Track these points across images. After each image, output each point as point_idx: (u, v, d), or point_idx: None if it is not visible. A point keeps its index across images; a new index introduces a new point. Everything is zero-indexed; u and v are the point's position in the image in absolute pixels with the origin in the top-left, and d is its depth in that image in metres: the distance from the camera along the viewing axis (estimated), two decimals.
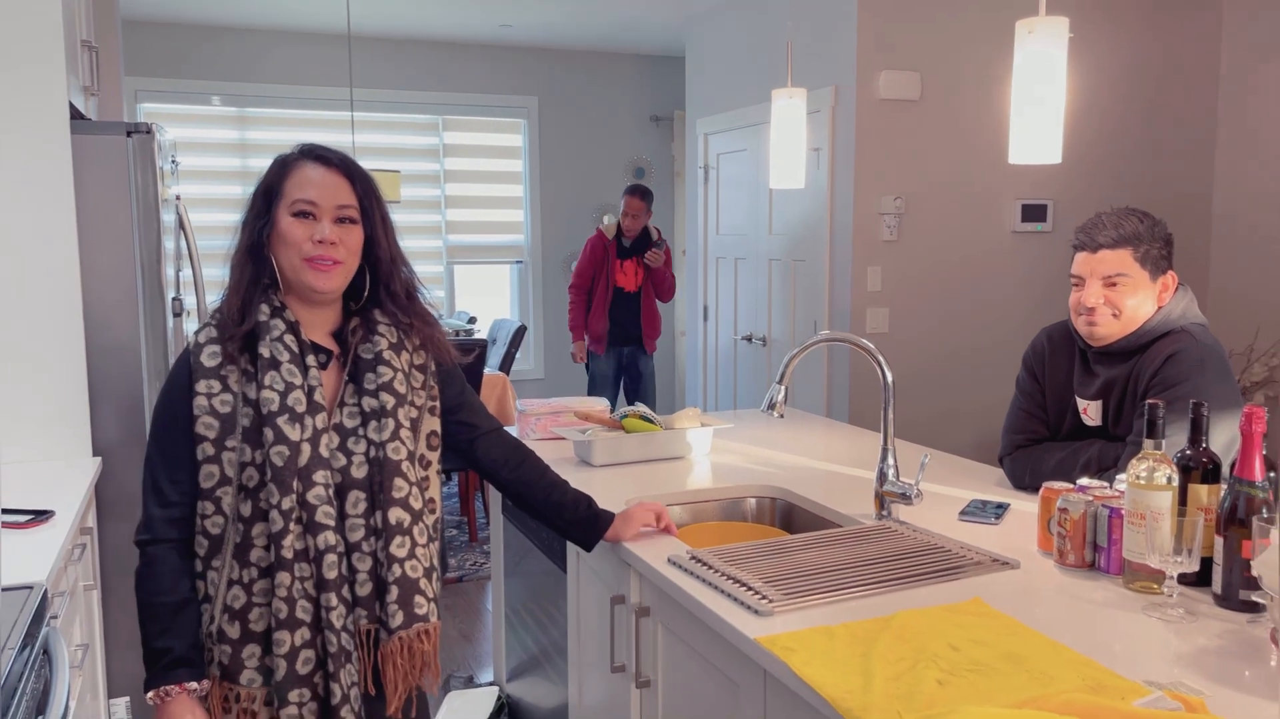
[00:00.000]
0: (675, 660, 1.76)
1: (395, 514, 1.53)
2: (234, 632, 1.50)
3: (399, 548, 1.53)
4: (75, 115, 2.65)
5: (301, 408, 1.49)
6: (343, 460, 1.53)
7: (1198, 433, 1.58)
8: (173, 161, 3.12)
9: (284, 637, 1.48)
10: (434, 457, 1.65)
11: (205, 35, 5.81)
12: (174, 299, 2.84)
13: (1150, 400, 1.59)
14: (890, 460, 2.03)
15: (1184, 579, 1.56)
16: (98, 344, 2.61)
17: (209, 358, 1.51)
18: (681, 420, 2.64)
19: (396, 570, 1.53)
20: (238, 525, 1.49)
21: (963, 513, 2.03)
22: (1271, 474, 1.52)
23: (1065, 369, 2.17)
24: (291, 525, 1.47)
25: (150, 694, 1.47)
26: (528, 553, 2.59)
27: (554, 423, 2.73)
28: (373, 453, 1.54)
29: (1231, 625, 1.46)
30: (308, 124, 6.05)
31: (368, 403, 1.55)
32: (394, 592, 1.53)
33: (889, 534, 1.90)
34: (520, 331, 5.58)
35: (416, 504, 1.57)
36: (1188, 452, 1.58)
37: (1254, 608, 1.46)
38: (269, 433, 1.48)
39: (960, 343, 4.41)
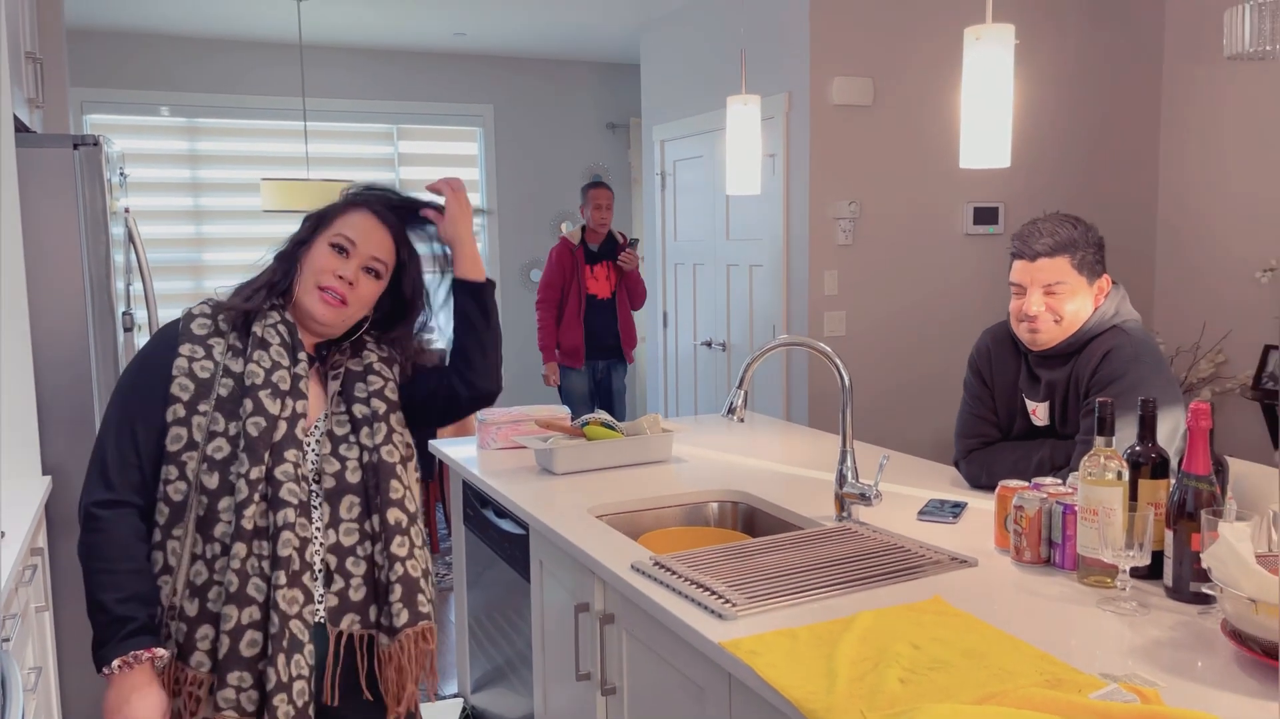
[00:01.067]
0: (640, 667, 1.77)
1: (394, 515, 1.58)
2: (192, 609, 1.48)
3: (399, 547, 1.57)
4: (20, 128, 2.60)
5: (285, 386, 1.54)
6: (336, 465, 1.57)
7: (1146, 429, 1.62)
8: (121, 174, 3.06)
9: (231, 612, 1.46)
10: (411, 464, 1.70)
11: (153, 45, 5.72)
12: (124, 314, 2.79)
13: (1100, 398, 1.62)
14: (849, 462, 2.05)
15: (1136, 573, 1.59)
16: (46, 360, 2.56)
17: (199, 327, 1.56)
18: (643, 426, 2.64)
19: (399, 569, 1.56)
20: (201, 498, 1.48)
21: (921, 512, 2.06)
22: (1218, 468, 1.56)
23: (1011, 370, 2.21)
24: (255, 497, 1.48)
25: (116, 662, 1.41)
26: (490, 563, 2.58)
27: (515, 432, 2.72)
28: (366, 458, 1.58)
29: (1183, 617, 1.49)
30: (260, 134, 5.98)
31: (359, 409, 1.61)
32: (397, 590, 1.56)
33: (849, 535, 1.92)
34: None
35: (411, 507, 1.61)
36: (1137, 448, 1.62)
37: (1204, 599, 1.49)
38: (248, 403, 1.50)
39: (916, 344, 4.47)
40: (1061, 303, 2.04)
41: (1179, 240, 4.77)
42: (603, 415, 2.62)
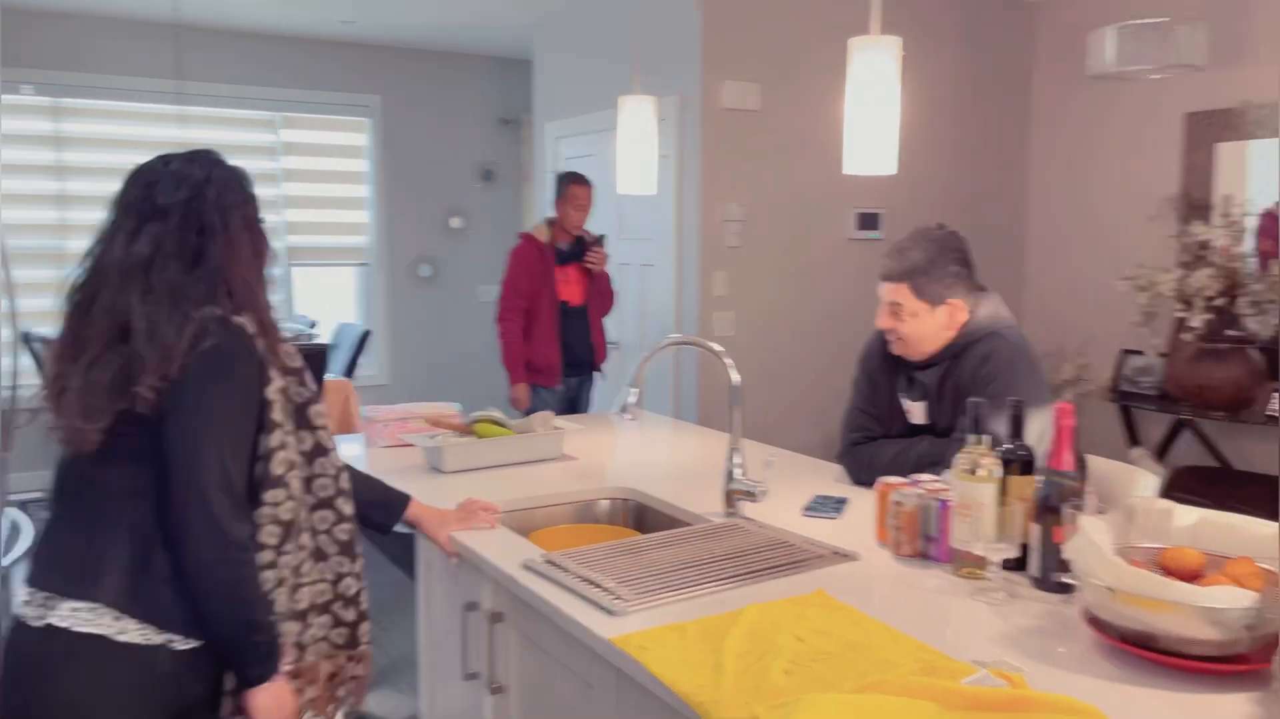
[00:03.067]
0: (529, 665, 1.76)
1: None
2: (302, 605, 1.60)
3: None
4: None
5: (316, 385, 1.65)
6: None
7: (1016, 428, 1.70)
8: None
9: (353, 584, 1.68)
10: None
11: (14, 19, 5.38)
12: None
13: (973, 399, 1.70)
14: (737, 459, 2.09)
15: (1006, 564, 1.67)
16: None
17: (261, 346, 1.53)
18: (534, 424, 2.63)
19: None
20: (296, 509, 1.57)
21: (806, 508, 2.11)
22: (1079, 465, 1.65)
23: (893, 370, 2.31)
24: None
25: (287, 667, 1.54)
26: (377, 564, 2.53)
27: (402, 429, 2.67)
28: None
29: (1048, 606, 1.57)
30: (131, 117, 5.70)
31: None
32: None
33: (737, 531, 1.96)
34: (364, 336, 5.43)
35: None
36: (1007, 446, 1.70)
37: (1067, 589, 1.58)
38: (316, 414, 1.62)
39: (803, 345, 4.57)
40: (900, 324, 2.16)
41: (1047, 249, 5.02)
42: (493, 413, 2.59)
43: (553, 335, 4.14)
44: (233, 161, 1.60)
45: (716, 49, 4.22)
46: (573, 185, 4.16)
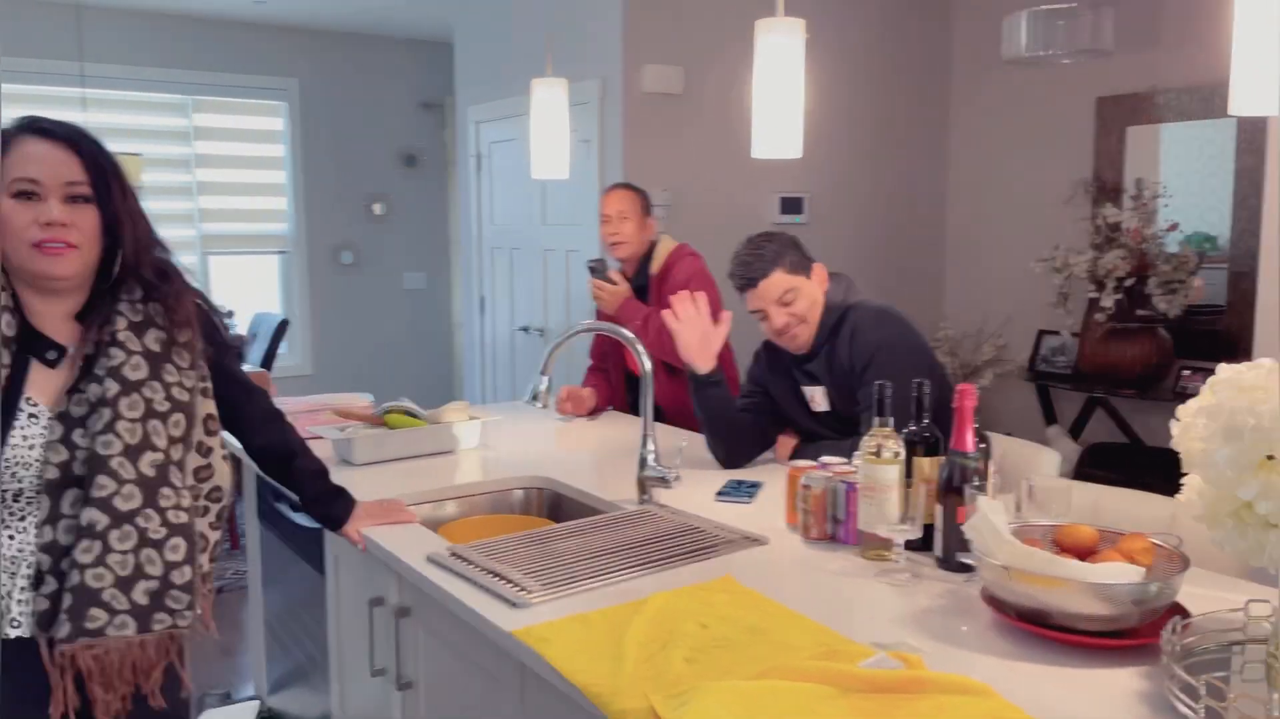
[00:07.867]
0: (436, 660, 1.73)
1: (89, 516, 1.41)
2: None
3: (85, 553, 1.40)
4: None
5: None
6: (64, 454, 1.42)
7: (920, 410, 1.71)
8: None
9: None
10: (214, 442, 1.58)
11: None
12: None
13: (879, 381, 1.70)
14: (651, 446, 2.07)
15: (911, 545, 1.68)
16: None
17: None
18: (448, 414, 2.58)
19: (75, 578, 1.40)
20: None
21: (719, 493, 2.11)
22: (983, 445, 1.66)
23: (783, 370, 2.40)
24: None
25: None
26: (288, 560, 2.47)
27: (311, 421, 2.60)
28: (88, 446, 1.42)
29: (950, 585, 1.59)
30: (30, 101, 5.45)
31: (93, 390, 1.44)
32: (66, 599, 1.40)
33: (648, 518, 1.94)
34: (283, 325, 5.30)
35: (126, 505, 1.42)
36: (912, 428, 1.71)
37: (968, 569, 1.59)
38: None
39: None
40: (798, 306, 2.24)
41: (966, 232, 5.09)
42: (406, 403, 2.54)
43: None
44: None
45: (638, 32, 4.18)
46: (602, 197, 3.09)
